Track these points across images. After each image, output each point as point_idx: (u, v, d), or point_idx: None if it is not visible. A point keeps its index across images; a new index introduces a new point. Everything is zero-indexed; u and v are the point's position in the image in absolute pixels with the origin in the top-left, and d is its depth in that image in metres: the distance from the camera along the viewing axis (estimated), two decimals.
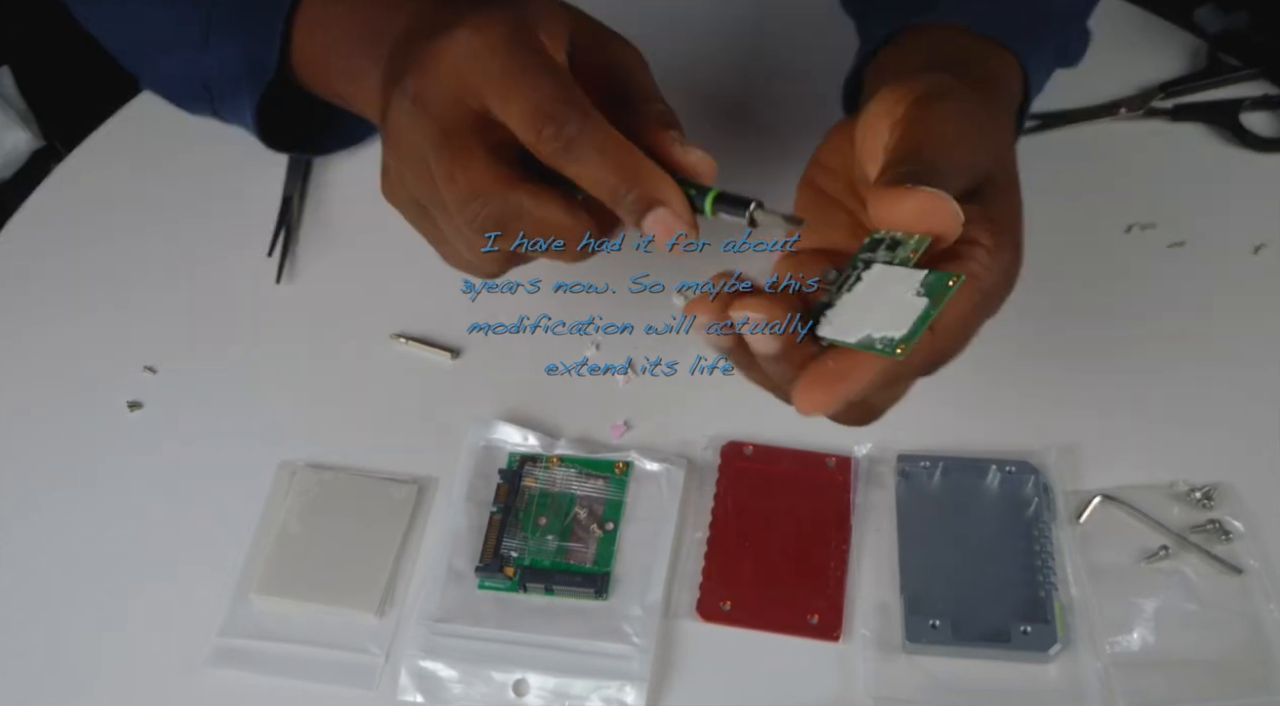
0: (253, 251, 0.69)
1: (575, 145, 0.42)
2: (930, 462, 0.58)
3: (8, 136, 1.08)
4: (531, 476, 0.58)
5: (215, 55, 0.58)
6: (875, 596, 0.55)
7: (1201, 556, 0.55)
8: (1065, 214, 0.68)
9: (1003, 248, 0.43)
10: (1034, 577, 0.54)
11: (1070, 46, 0.61)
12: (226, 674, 0.53)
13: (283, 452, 0.60)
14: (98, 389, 0.63)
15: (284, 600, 0.55)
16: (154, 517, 0.58)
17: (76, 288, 0.68)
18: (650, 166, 0.43)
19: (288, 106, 0.60)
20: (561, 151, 0.42)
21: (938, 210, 0.40)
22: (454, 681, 0.53)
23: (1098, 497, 0.56)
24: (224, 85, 0.59)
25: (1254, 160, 0.71)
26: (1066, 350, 0.63)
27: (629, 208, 0.42)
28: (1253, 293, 0.65)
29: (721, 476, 0.58)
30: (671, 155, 0.44)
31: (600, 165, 0.42)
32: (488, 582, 0.55)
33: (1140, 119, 0.73)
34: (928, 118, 0.43)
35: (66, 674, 0.54)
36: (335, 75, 0.56)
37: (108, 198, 0.73)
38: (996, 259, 0.42)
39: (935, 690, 0.52)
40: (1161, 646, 0.52)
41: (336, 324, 0.65)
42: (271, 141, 0.62)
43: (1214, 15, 0.80)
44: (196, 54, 0.59)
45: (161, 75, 0.63)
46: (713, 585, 0.55)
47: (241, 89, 0.58)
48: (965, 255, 0.42)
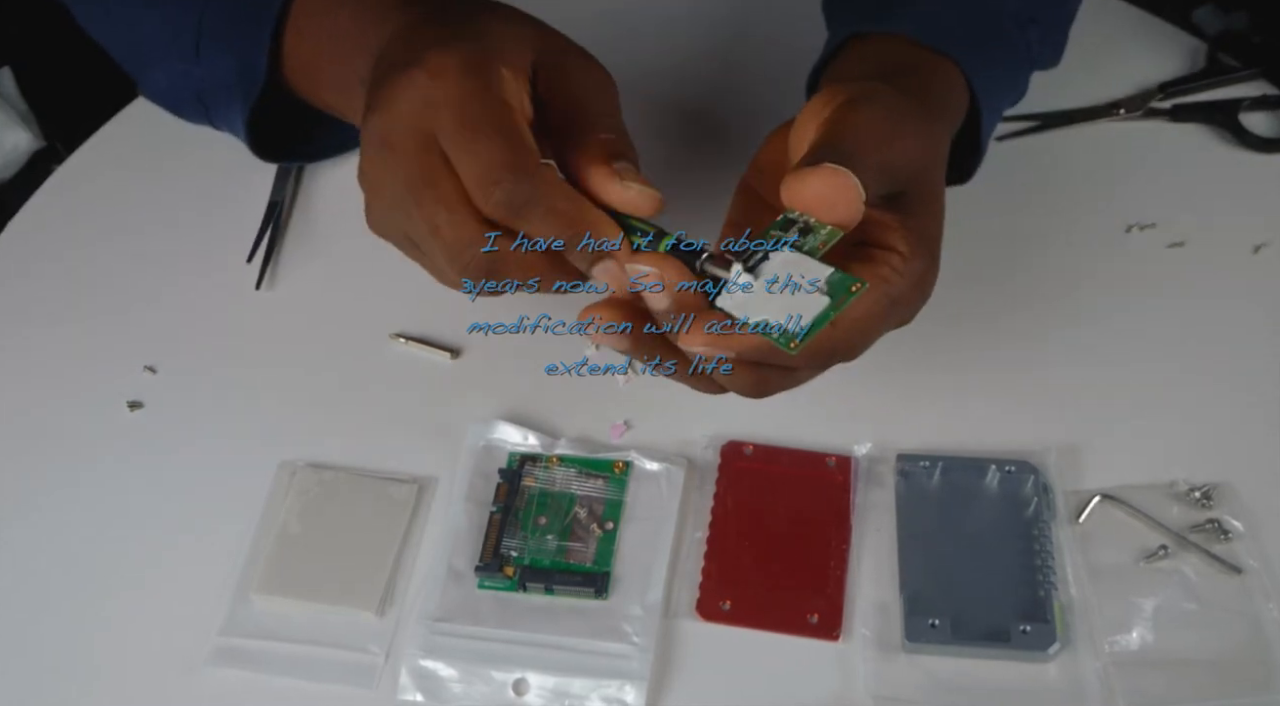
0: (260, 251, 0.69)
1: (524, 208, 0.43)
2: (930, 462, 0.58)
3: (8, 137, 1.08)
4: (531, 476, 0.58)
5: (207, 65, 0.58)
6: (875, 596, 0.55)
7: (1201, 556, 0.55)
8: (1065, 214, 0.69)
9: (917, 257, 0.43)
10: (1033, 577, 0.54)
11: (1034, 50, 0.61)
12: (226, 673, 0.53)
13: (283, 452, 0.60)
14: (98, 389, 0.63)
15: (284, 599, 0.55)
16: (154, 517, 0.58)
17: (77, 288, 0.68)
18: (596, 219, 0.44)
19: (281, 115, 0.60)
20: (511, 215, 0.43)
21: (842, 189, 0.40)
22: (454, 681, 0.53)
23: (1097, 497, 0.56)
24: (217, 94, 0.59)
25: (1253, 160, 0.71)
26: (1066, 350, 0.63)
27: (579, 261, 0.44)
28: (1253, 293, 0.65)
29: (721, 476, 0.58)
30: (609, 194, 0.44)
31: (548, 224, 0.43)
32: (487, 582, 0.55)
33: (1140, 119, 0.73)
34: (850, 117, 0.44)
35: (66, 673, 0.54)
36: (324, 84, 0.56)
37: (108, 199, 0.73)
38: (909, 267, 0.43)
39: (935, 690, 0.52)
40: (1161, 646, 0.52)
41: (336, 324, 0.65)
42: (264, 151, 0.62)
43: (1213, 15, 0.80)
44: (189, 64, 0.59)
45: (157, 84, 0.63)
46: (712, 585, 0.55)
47: (233, 98, 0.58)
48: (878, 259, 0.43)
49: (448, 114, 0.43)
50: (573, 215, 0.43)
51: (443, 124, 0.43)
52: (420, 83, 0.44)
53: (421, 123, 0.44)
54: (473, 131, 0.43)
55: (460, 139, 0.43)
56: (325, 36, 0.54)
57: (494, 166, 0.43)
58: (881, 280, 0.43)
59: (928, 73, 0.53)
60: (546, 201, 0.43)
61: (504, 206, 0.43)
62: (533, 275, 0.45)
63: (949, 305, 0.54)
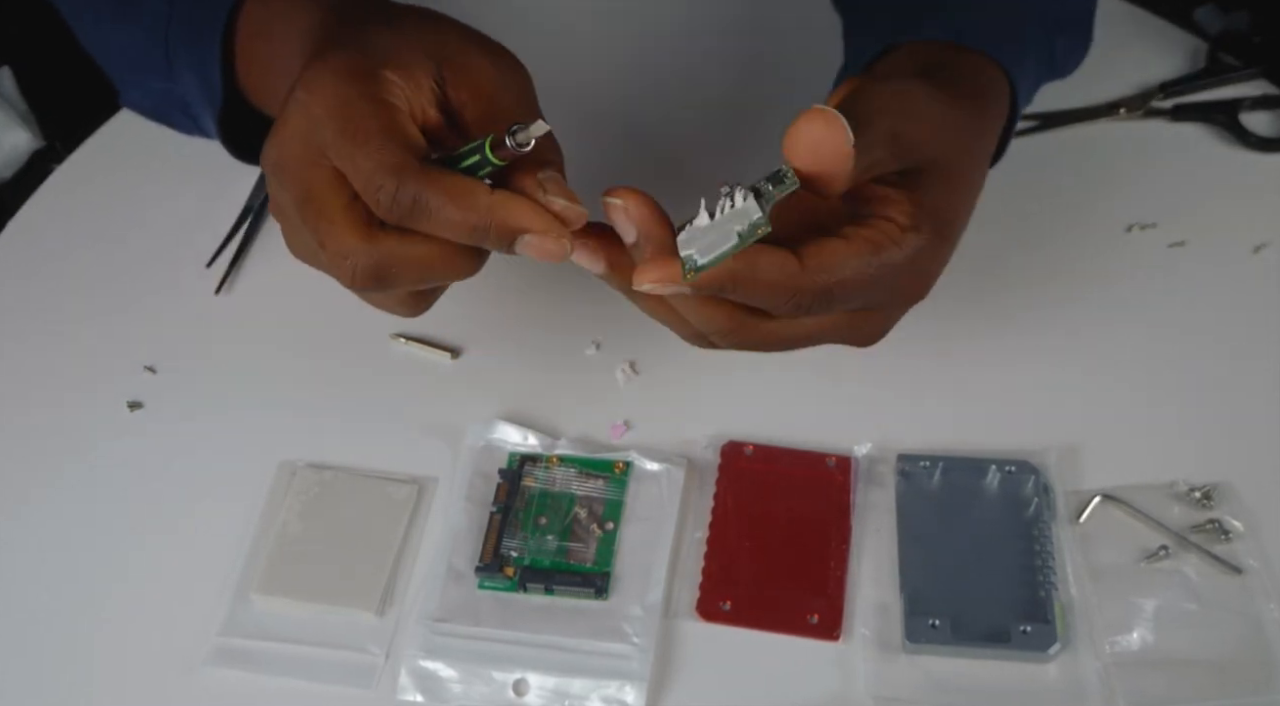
0: (254, 251, 0.69)
1: (416, 206, 0.42)
2: (930, 462, 0.58)
3: (8, 137, 1.08)
4: (531, 476, 0.58)
5: (180, 80, 0.58)
6: (875, 596, 0.55)
7: (1201, 556, 0.55)
8: (1065, 214, 0.69)
9: (919, 231, 0.43)
10: (1034, 577, 0.54)
11: (1058, 58, 0.61)
12: (226, 673, 0.53)
13: (283, 452, 0.60)
14: (98, 389, 0.63)
15: (284, 600, 0.55)
16: (154, 517, 0.58)
17: (77, 288, 0.68)
18: (500, 198, 0.42)
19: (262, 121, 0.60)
20: (406, 215, 0.42)
21: (832, 133, 0.40)
22: (454, 681, 0.53)
23: (1097, 497, 0.56)
24: (197, 107, 0.59)
25: (1254, 160, 0.71)
26: (1067, 350, 0.63)
27: (495, 242, 0.43)
28: (1253, 293, 0.65)
29: (721, 476, 0.58)
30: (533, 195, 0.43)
31: (450, 215, 0.42)
32: (488, 582, 0.55)
33: (1140, 119, 0.73)
34: (865, 89, 0.44)
35: (66, 673, 0.54)
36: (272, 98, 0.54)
37: (108, 198, 0.73)
38: (906, 238, 0.43)
39: (935, 690, 0.52)
40: (1161, 646, 0.52)
41: (337, 324, 0.65)
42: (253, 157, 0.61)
43: (1214, 15, 0.80)
44: (166, 82, 0.58)
45: (141, 103, 0.63)
46: (713, 585, 0.55)
47: (205, 111, 0.58)
48: (872, 225, 0.43)
49: (329, 125, 0.42)
50: (471, 201, 0.42)
51: (326, 136, 0.43)
52: (301, 100, 0.43)
53: (309, 139, 0.43)
54: (351, 137, 0.42)
55: (342, 148, 0.42)
56: (262, 58, 0.54)
57: (377, 170, 0.42)
58: (868, 243, 0.42)
59: (966, 69, 0.53)
60: (440, 194, 0.42)
61: (396, 207, 0.42)
62: (430, 271, 0.44)
63: (949, 305, 0.54)
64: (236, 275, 0.68)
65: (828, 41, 0.63)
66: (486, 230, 0.42)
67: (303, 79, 0.44)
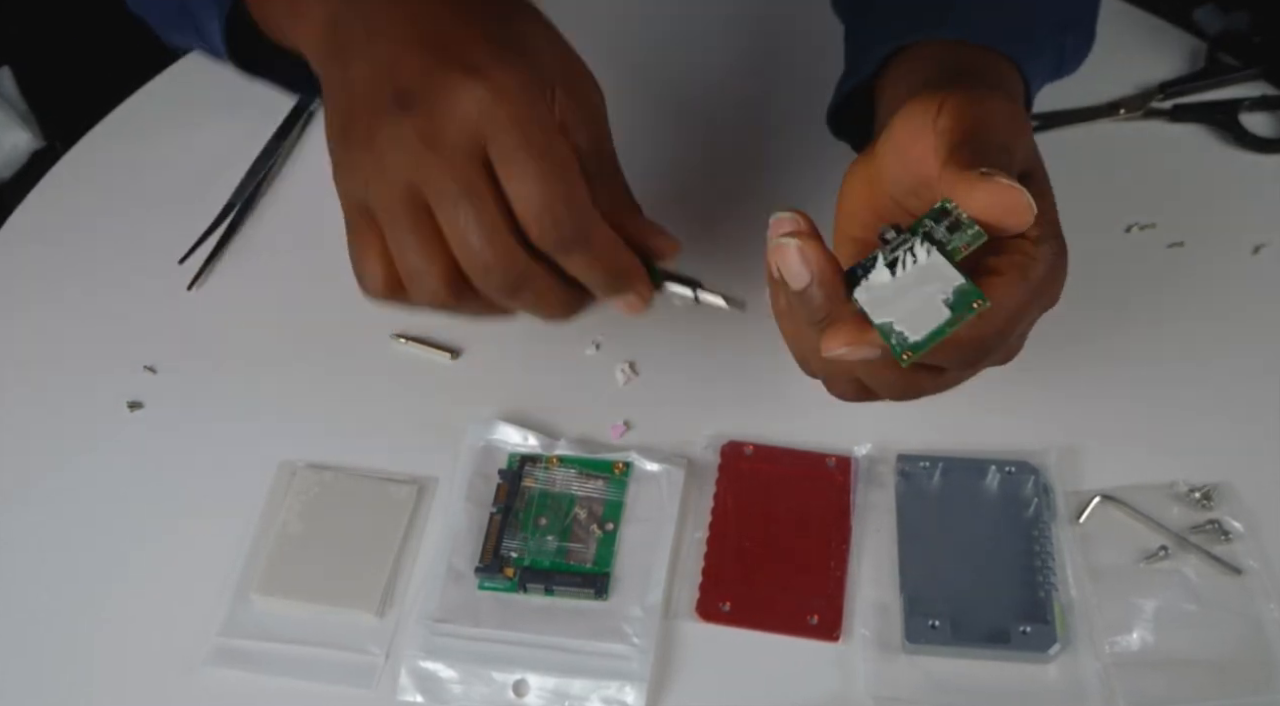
0: (254, 250, 0.69)
1: (572, 245, 0.44)
2: (930, 462, 0.58)
3: (8, 136, 1.08)
4: (531, 476, 0.58)
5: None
6: (875, 596, 0.55)
7: (1201, 556, 0.55)
8: (1065, 214, 0.67)
9: (1047, 241, 0.43)
10: (1034, 578, 0.54)
11: (1065, 57, 0.61)
12: (226, 673, 0.53)
13: (283, 452, 0.60)
14: (98, 389, 0.63)
15: (284, 600, 0.55)
16: (154, 517, 0.58)
17: (76, 287, 0.68)
18: (630, 263, 0.46)
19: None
20: (558, 249, 0.44)
21: (1015, 203, 0.40)
22: (454, 681, 0.53)
23: (1097, 498, 0.56)
24: (200, 10, 0.56)
25: (1253, 160, 0.71)
26: (1066, 350, 0.63)
27: (604, 292, 0.46)
28: (1253, 293, 0.65)
29: (721, 476, 0.58)
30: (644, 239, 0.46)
31: (590, 266, 0.45)
32: (488, 583, 0.55)
33: (1140, 119, 0.73)
34: (972, 110, 0.44)
35: (66, 673, 0.54)
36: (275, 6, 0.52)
37: (107, 196, 0.73)
38: (1041, 251, 0.43)
39: (935, 690, 0.52)
40: (1161, 646, 0.52)
41: (337, 324, 0.65)
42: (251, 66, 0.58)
43: (1213, 15, 0.80)
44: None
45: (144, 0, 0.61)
46: (712, 585, 0.55)
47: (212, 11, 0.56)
48: (1011, 248, 0.42)
49: (512, 135, 0.42)
50: (612, 261, 0.45)
51: (503, 143, 0.42)
52: (480, 95, 0.42)
53: (476, 133, 0.43)
54: (536, 158, 0.42)
55: (522, 163, 0.42)
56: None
57: (555, 198, 0.43)
58: (1019, 270, 0.42)
59: (994, 71, 0.53)
60: (594, 244, 0.44)
61: (556, 240, 0.43)
62: (548, 303, 0.46)
63: None
64: (236, 275, 0.68)
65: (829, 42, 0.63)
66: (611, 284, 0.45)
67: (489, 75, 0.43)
